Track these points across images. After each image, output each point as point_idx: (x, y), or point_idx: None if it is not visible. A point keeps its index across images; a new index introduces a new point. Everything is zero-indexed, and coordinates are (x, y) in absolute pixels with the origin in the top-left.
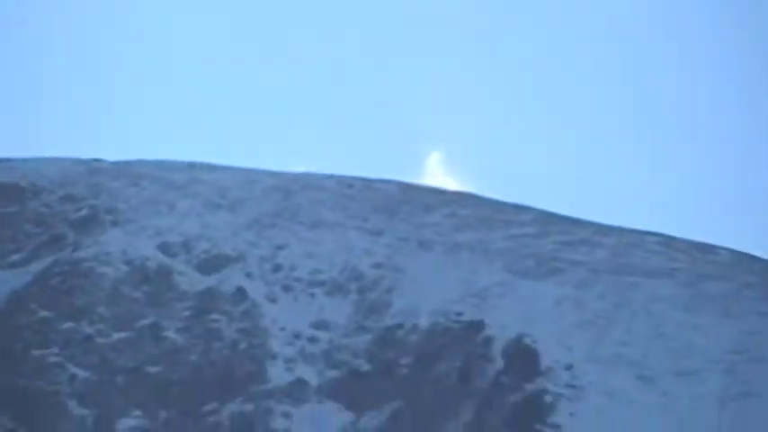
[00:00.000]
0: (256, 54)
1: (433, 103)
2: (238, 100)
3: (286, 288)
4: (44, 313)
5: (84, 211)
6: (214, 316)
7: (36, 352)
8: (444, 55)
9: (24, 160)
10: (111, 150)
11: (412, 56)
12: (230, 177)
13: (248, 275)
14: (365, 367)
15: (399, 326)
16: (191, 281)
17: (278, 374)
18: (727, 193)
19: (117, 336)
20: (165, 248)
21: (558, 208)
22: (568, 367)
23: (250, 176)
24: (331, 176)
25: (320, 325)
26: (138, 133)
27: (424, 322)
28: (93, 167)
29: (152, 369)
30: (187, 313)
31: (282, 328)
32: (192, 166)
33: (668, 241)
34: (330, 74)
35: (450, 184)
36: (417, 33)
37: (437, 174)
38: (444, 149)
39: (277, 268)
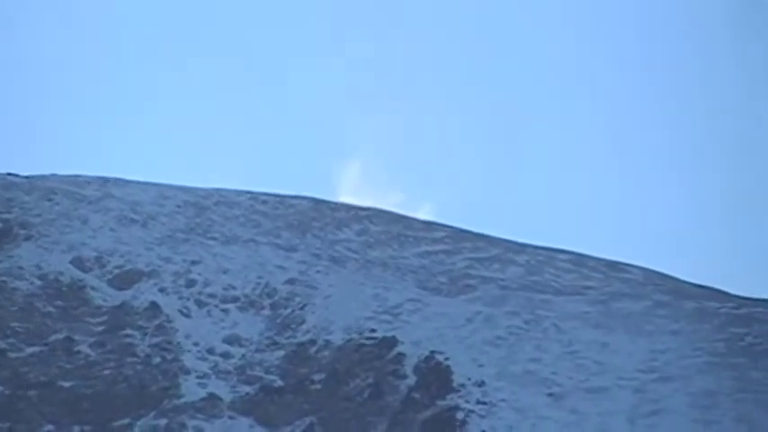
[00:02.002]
0: (168, 69)
1: (347, 116)
2: (150, 115)
3: (199, 303)
4: None
5: None
6: (127, 331)
7: None
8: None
9: None
10: (25, 165)
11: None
12: (143, 193)
13: (162, 290)
14: (278, 383)
15: (312, 342)
16: (104, 296)
17: (191, 390)
18: (638, 211)
19: (29, 350)
20: (78, 263)
21: (470, 225)
22: (480, 384)
23: (163, 192)
24: (243, 192)
25: (233, 340)
26: (51, 148)
27: (336, 339)
28: (7, 182)
29: (65, 383)
30: (100, 328)
31: (196, 344)
32: (104, 181)
33: (580, 259)
34: (242, 88)
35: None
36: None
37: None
38: (359, 164)
39: (190, 283)
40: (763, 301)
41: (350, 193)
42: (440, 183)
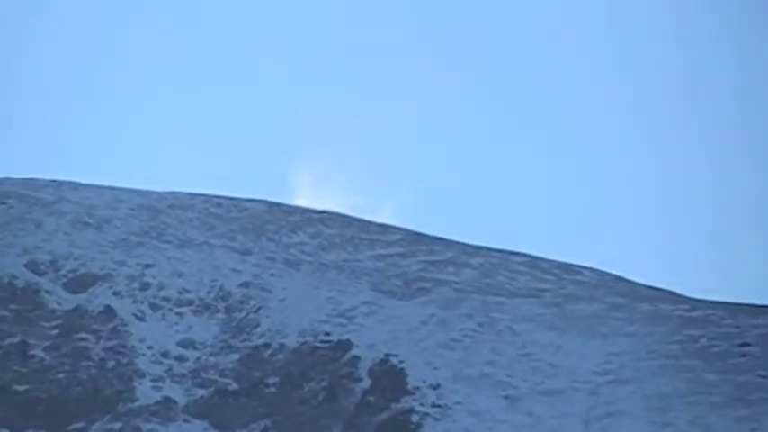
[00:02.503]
0: (122, 72)
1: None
2: (104, 119)
3: (154, 307)
4: None
5: None
6: (82, 334)
7: None
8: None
9: None
10: None
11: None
12: (97, 196)
13: (116, 294)
14: (232, 386)
15: (267, 345)
16: (58, 299)
17: (145, 393)
18: (593, 212)
19: None
20: (32, 267)
21: (425, 228)
22: (435, 387)
23: (117, 195)
24: (198, 195)
25: (188, 344)
26: (4, 151)
27: (291, 342)
28: None
29: (19, 387)
30: (55, 332)
31: (150, 347)
32: (58, 184)
33: (534, 261)
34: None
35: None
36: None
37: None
38: (317, 167)
39: (145, 287)
40: (718, 303)
41: (306, 197)
42: (399, 185)
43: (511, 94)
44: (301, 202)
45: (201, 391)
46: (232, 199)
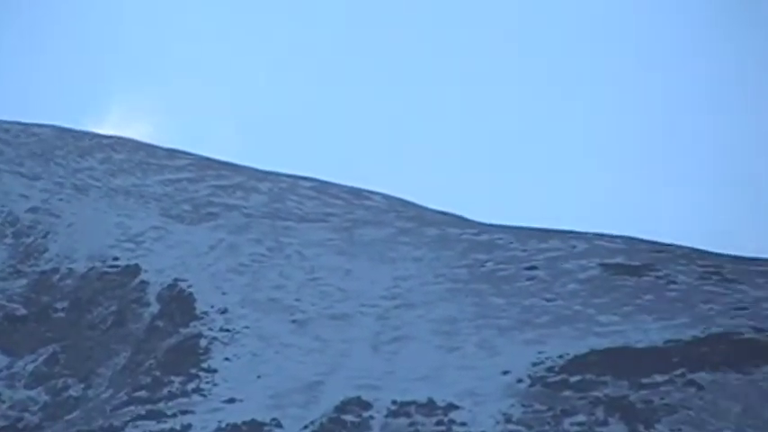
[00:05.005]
0: None
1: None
2: None
3: None
4: None
5: None
6: None
7: None
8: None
9: None
10: None
11: None
12: None
13: None
14: (21, 311)
15: (55, 270)
16: None
17: None
18: (381, 134)
19: None
20: None
21: (214, 153)
22: (223, 311)
23: None
24: None
25: None
26: None
27: (79, 267)
28: None
29: None
30: None
31: None
32: None
33: (322, 186)
34: None
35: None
36: None
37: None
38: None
39: None
40: (506, 227)
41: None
42: (185, 112)
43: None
44: (115, 131)
45: None
46: (21, 124)
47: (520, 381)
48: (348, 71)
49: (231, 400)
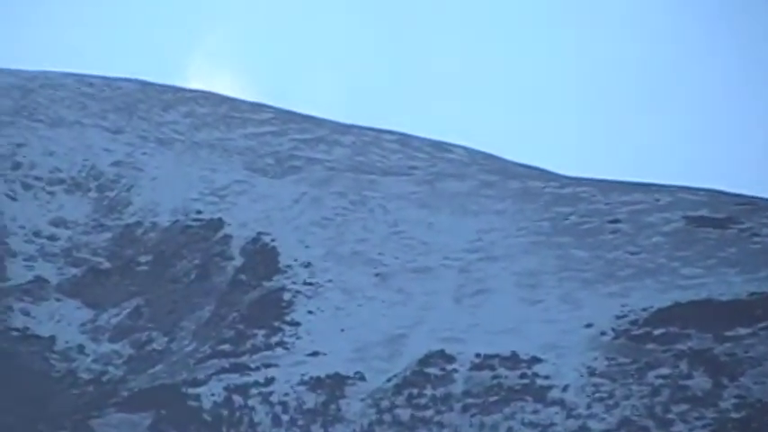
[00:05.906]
0: None
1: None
2: None
3: (25, 186)
4: None
5: None
6: None
7: None
8: None
9: None
10: None
11: None
12: None
13: None
14: (105, 265)
15: (139, 224)
16: None
17: (17, 272)
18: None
19: None
20: None
21: (297, 107)
22: (307, 265)
23: None
24: (70, 75)
25: (60, 223)
26: None
27: (163, 220)
28: None
29: None
30: None
31: (22, 227)
32: None
33: (405, 139)
34: None
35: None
36: None
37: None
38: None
39: (16, 166)
40: (588, 180)
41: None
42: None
43: None
44: (195, 85)
45: (74, 270)
46: (104, 78)
47: (603, 334)
48: (431, 25)
49: (315, 354)
